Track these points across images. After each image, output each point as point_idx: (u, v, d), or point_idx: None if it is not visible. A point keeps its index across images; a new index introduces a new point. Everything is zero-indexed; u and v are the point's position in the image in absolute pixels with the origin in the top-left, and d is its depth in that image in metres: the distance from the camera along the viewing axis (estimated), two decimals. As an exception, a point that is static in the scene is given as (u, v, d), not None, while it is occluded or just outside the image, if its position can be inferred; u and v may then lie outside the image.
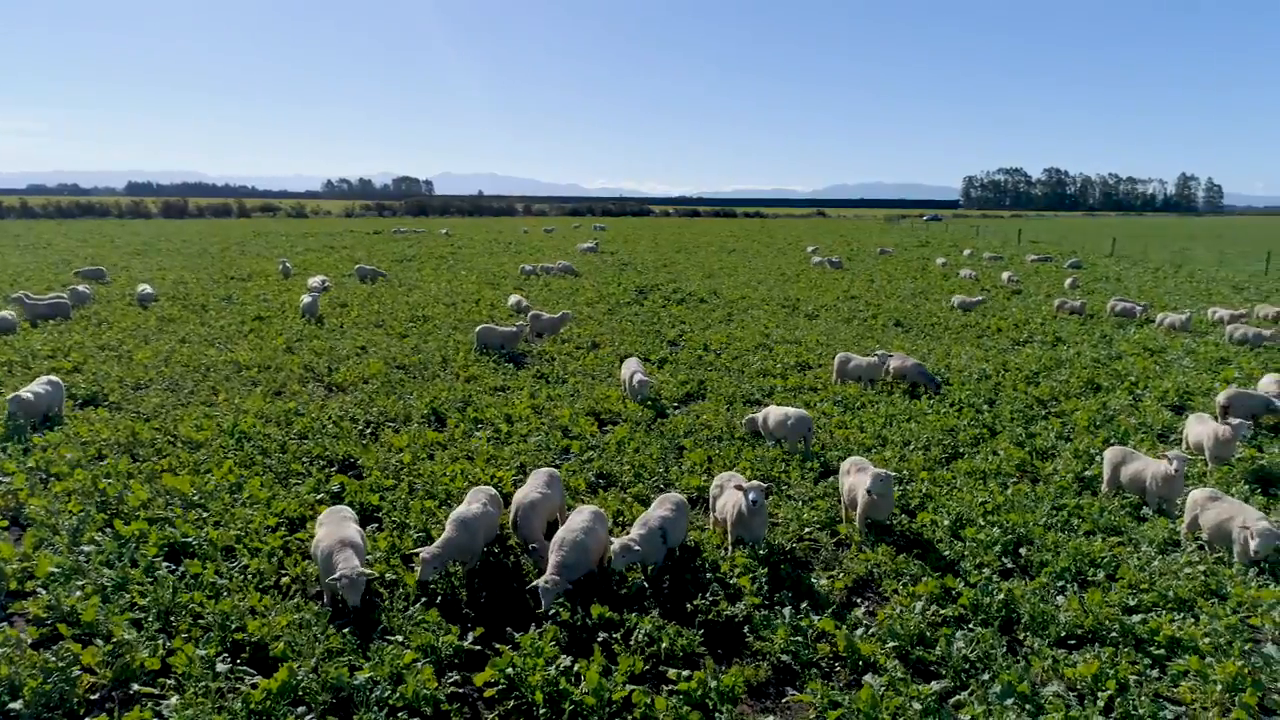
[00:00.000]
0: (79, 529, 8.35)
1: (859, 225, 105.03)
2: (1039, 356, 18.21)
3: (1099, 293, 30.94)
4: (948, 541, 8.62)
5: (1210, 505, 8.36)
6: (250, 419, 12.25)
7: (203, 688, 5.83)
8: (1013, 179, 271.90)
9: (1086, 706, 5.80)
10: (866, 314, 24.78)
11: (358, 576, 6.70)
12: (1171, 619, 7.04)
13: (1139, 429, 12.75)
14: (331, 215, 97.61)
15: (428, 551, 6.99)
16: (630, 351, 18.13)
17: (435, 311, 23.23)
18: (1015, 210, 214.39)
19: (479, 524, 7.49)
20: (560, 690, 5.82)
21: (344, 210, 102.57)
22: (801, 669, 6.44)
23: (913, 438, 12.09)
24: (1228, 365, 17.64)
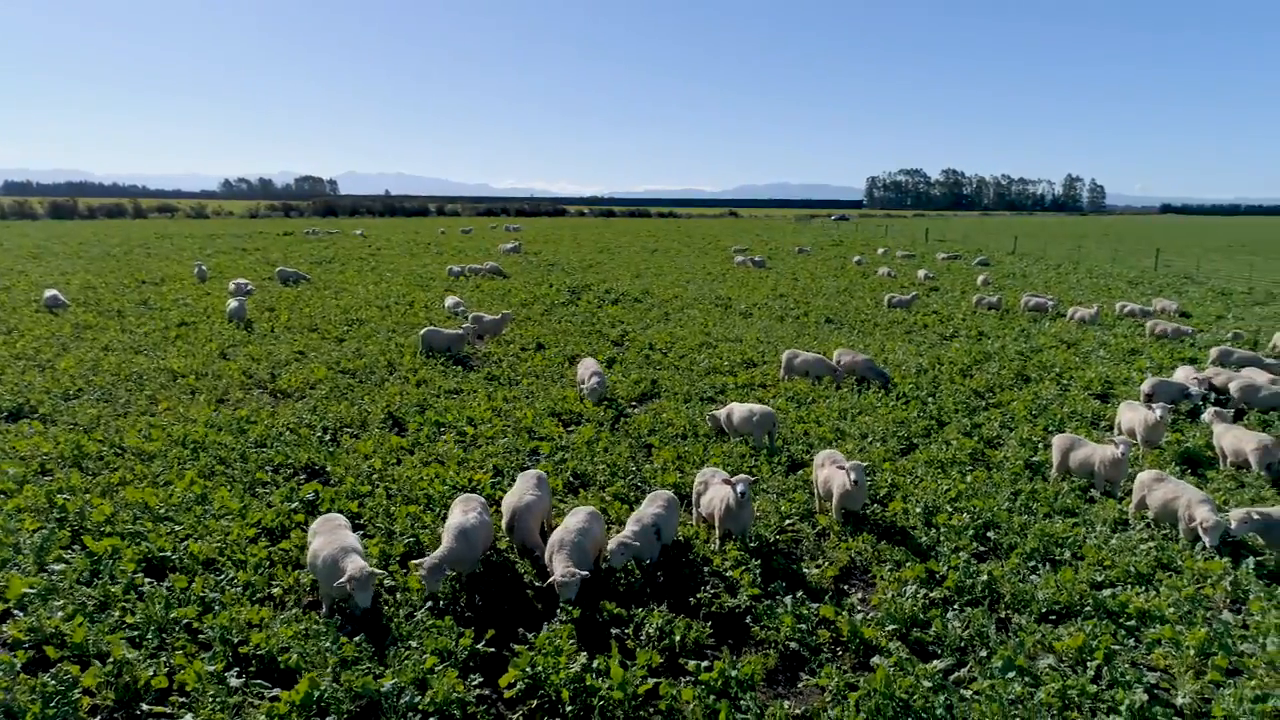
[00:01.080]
0: (43, 547, 7.94)
1: (771, 225, 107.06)
2: (968, 350, 19.04)
3: (1009, 289, 32.43)
4: (922, 528, 9.01)
5: (1157, 486, 8.97)
6: (201, 428, 11.83)
7: (218, 703, 5.68)
8: (913, 180, 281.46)
9: (1080, 676, 6.20)
10: (798, 312, 25.41)
11: (366, 576, 6.61)
12: (1136, 592, 7.56)
13: (1071, 417, 13.52)
14: (235, 216, 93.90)
15: (429, 561, 6.88)
16: (576, 352, 18.20)
17: (369, 315, 22.75)
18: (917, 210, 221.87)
19: (479, 534, 7.45)
20: (587, 686, 5.89)
21: (248, 211, 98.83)
22: (810, 654, 6.67)
23: (869, 430, 12.54)
24: (1139, 355, 18.83)
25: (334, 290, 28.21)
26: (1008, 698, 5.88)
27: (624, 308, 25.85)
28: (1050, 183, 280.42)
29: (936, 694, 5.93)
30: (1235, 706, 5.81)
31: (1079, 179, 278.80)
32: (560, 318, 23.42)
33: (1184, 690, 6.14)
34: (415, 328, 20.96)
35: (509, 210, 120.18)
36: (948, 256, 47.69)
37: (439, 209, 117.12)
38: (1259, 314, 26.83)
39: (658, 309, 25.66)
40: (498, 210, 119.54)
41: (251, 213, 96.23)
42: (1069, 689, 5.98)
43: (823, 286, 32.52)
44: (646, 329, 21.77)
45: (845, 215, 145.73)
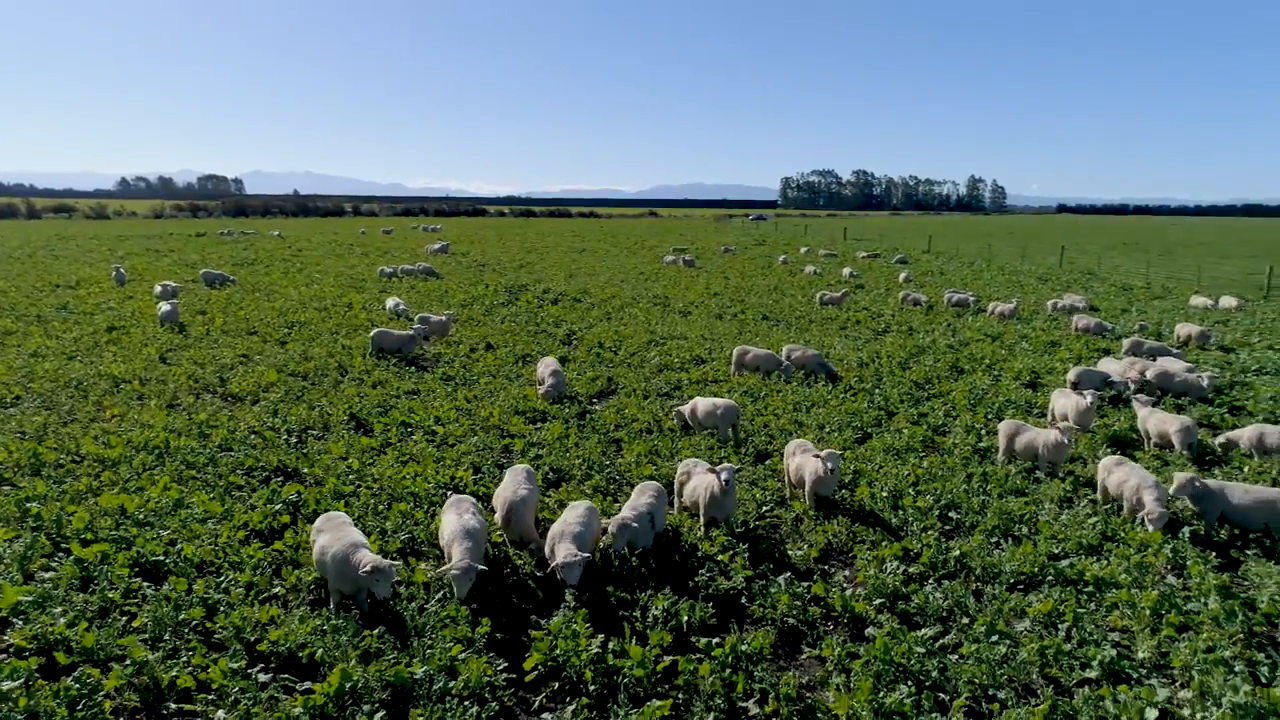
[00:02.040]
0: (26, 556, 7.77)
1: (692, 224, 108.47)
2: (902, 344, 19.94)
3: (929, 286, 33.83)
4: (890, 511, 9.56)
5: (1115, 469, 9.73)
6: (161, 433, 11.60)
7: (250, 698, 5.76)
8: (825, 180, 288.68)
9: (1053, 637, 6.79)
10: (735, 310, 26.05)
11: (388, 567, 6.73)
12: (1090, 562, 8.25)
13: (1007, 405, 14.38)
14: (139, 216, 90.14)
15: (457, 568, 6.97)
16: (526, 352, 18.39)
17: (308, 317, 22.38)
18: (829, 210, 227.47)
19: (482, 535, 7.60)
20: (609, 666, 6.17)
21: (152, 211, 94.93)
22: (806, 629, 7.10)
23: (825, 421, 13.12)
24: (1058, 347, 20.03)
25: (264, 293, 27.57)
26: (994, 659, 6.41)
27: (564, 307, 26.05)
28: (955, 183, 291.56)
29: (930, 658, 6.43)
30: (1190, 658, 6.46)
31: (981, 180, 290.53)
32: (502, 318, 23.50)
33: (1143, 646, 6.78)
34: (358, 330, 20.79)
35: (427, 210, 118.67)
36: (868, 255, 49.29)
37: (355, 209, 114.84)
38: (1158, 307, 28.72)
39: (598, 308, 25.95)
40: (416, 210, 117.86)
41: (156, 213, 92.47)
42: (1046, 649, 6.55)
43: (754, 285, 33.32)
44: (591, 328, 22.04)
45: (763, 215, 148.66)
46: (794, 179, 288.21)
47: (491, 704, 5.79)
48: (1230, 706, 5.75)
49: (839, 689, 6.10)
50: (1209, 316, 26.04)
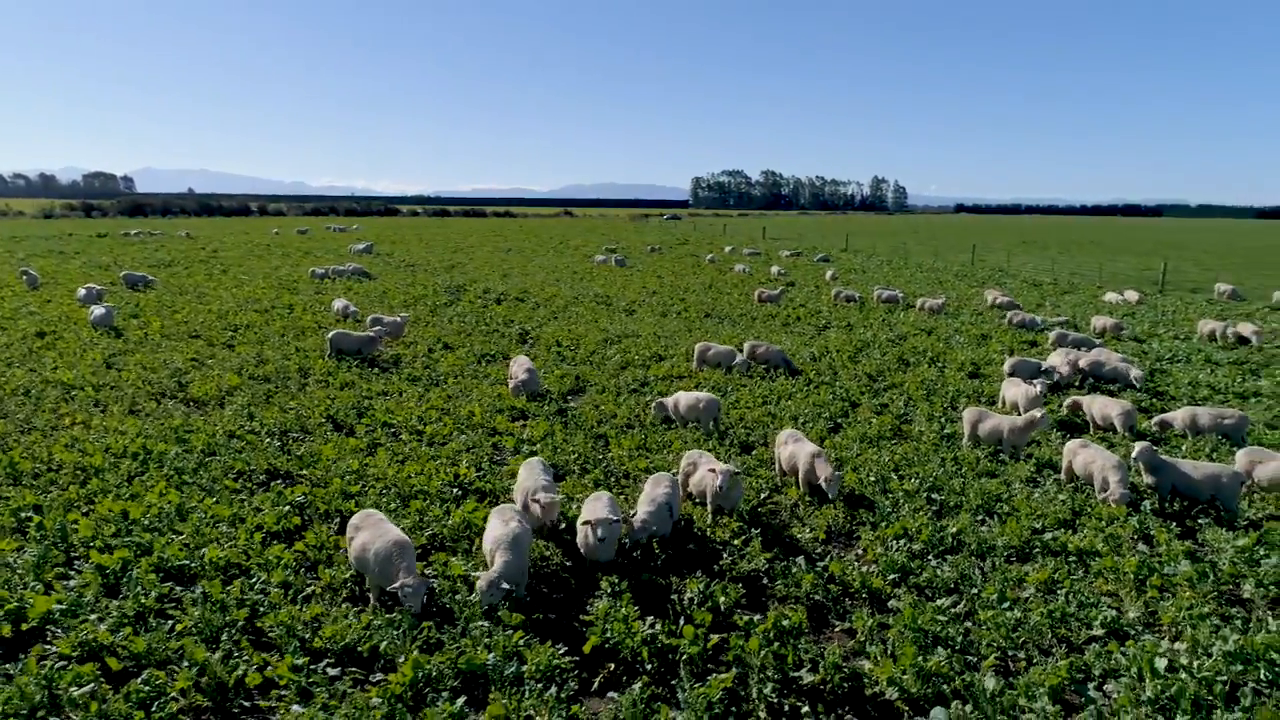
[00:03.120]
0: (39, 566, 7.60)
1: (609, 223, 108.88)
2: (847, 339, 20.77)
3: (855, 283, 35.08)
4: (880, 495, 10.14)
5: (1080, 451, 10.54)
6: (136, 440, 11.32)
7: (325, 692, 5.86)
8: (735, 180, 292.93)
9: (1056, 601, 7.43)
10: (677, 308, 26.55)
11: (419, 585, 6.86)
12: (1069, 535, 8.97)
13: (959, 395, 15.25)
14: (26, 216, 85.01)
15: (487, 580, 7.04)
16: (485, 352, 18.46)
17: (250, 319, 21.82)
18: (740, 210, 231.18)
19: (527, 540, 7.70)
20: (664, 646, 6.50)
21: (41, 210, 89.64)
22: (831, 604, 7.57)
23: (797, 413, 13.67)
24: (989, 340, 21.21)
25: (193, 295, 26.67)
26: (1009, 623, 7.00)
27: (509, 307, 26.08)
28: (859, 184, 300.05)
29: (952, 625, 6.97)
30: (1177, 615, 7.19)
31: (884, 180, 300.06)
32: (449, 318, 23.41)
33: (1133, 606, 7.49)
34: (306, 332, 20.45)
35: (338, 210, 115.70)
36: (791, 254, 50.62)
37: (261, 208, 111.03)
38: (1069, 301, 30.56)
39: (543, 308, 26.08)
40: (325, 209, 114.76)
41: (45, 212, 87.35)
42: (1053, 612, 7.18)
43: (688, 284, 33.90)
44: (541, 326, 22.21)
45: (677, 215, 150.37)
46: (705, 179, 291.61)
47: (570, 684, 6.05)
48: (1221, 654, 6.46)
49: (877, 657, 6.58)
50: (1117, 310, 27.87)
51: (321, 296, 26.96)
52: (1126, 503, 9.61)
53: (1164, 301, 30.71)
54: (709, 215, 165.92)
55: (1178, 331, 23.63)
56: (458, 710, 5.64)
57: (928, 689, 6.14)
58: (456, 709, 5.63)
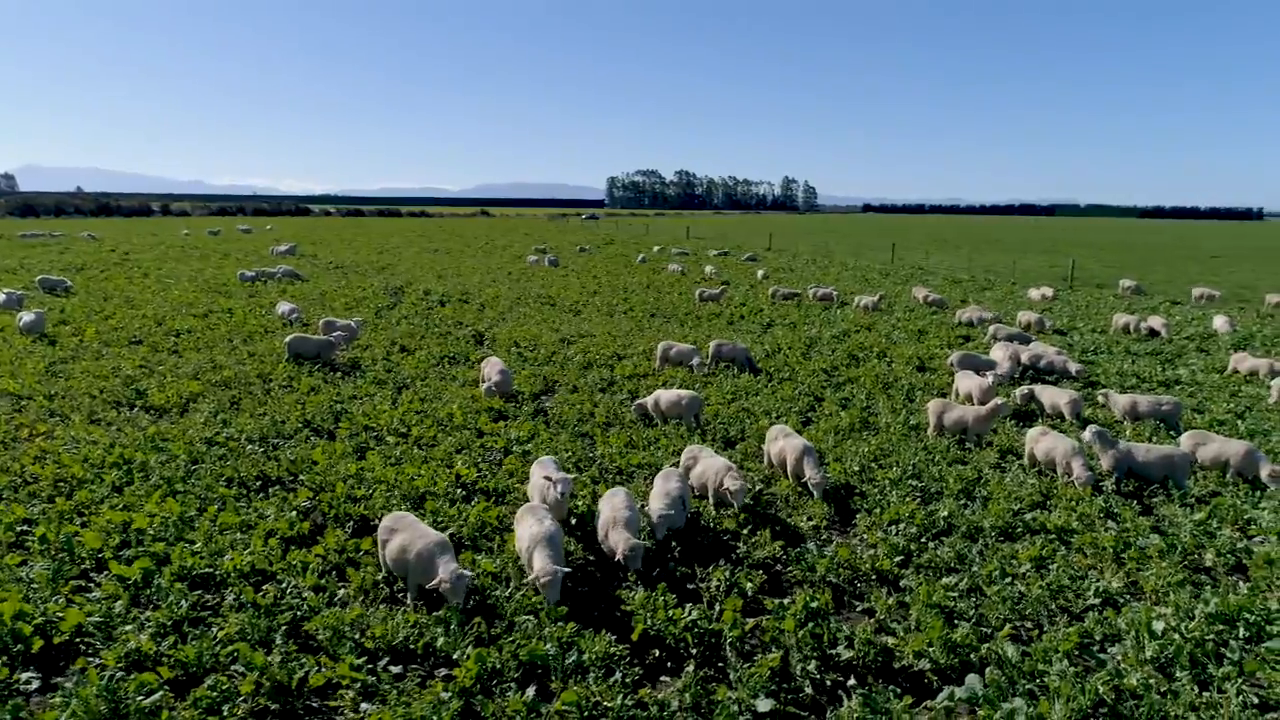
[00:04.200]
0: (54, 579, 7.42)
1: (529, 223, 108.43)
2: (794, 337, 21.45)
3: (786, 281, 36.01)
4: (865, 483, 10.68)
5: (1041, 438, 11.30)
6: (114, 449, 11.02)
7: (391, 690, 5.98)
8: (650, 180, 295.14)
9: (1050, 575, 8.05)
10: (622, 308, 26.86)
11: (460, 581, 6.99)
12: (1045, 515, 9.66)
13: (914, 388, 16.02)
14: (-96, 216, 79.71)
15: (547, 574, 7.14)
16: (444, 354, 18.41)
17: (191, 325, 21.15)
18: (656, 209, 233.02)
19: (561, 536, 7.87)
20: (710, 630, 6.82)
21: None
22: (846, 586, 8.02)
23: (769, 408, 14.16)
24: (927, 335, 22.21)
25: (119, 300, 25.64)
26: (1014, 596, 7.58)
27: (455, 308, 25.94)
28: (770, 184, 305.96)
29: (963, 600, 7.51)
30: (1157, 583, 7.90)
31: (794, 180, 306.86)
32: (396, 320, 23.19)
33: (1115, 578, 8.18)
34: (253, 337, 20.00)
35: (245, 209, 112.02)
36: (718, 253, 51.51)
37: (164, 208, 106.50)
38: (989, 297, 32.07)
39: (489, 309, 26.04)
40: (233, 209, 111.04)
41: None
42: (1050, 585, 7.80)
43: (625, 283, 34.20)
44: (493, 328, 22.22)
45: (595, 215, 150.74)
46: (620, 179, 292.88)
47: (635, 669, 6.32)
48: (1203, 616, 7.16)
49: (903, 632, 7.05)
50: (1036, 306, 29.44)
51: (258, 300, 26.29)
52: (1091, 484, 10.39)
53: (1076, 297, 32.57)
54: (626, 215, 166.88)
55: (1094, 325, 25.17)
56: (530, 700, 5.84)
57: (954, 659, 6.63)
58: (529, 698, 5.84)
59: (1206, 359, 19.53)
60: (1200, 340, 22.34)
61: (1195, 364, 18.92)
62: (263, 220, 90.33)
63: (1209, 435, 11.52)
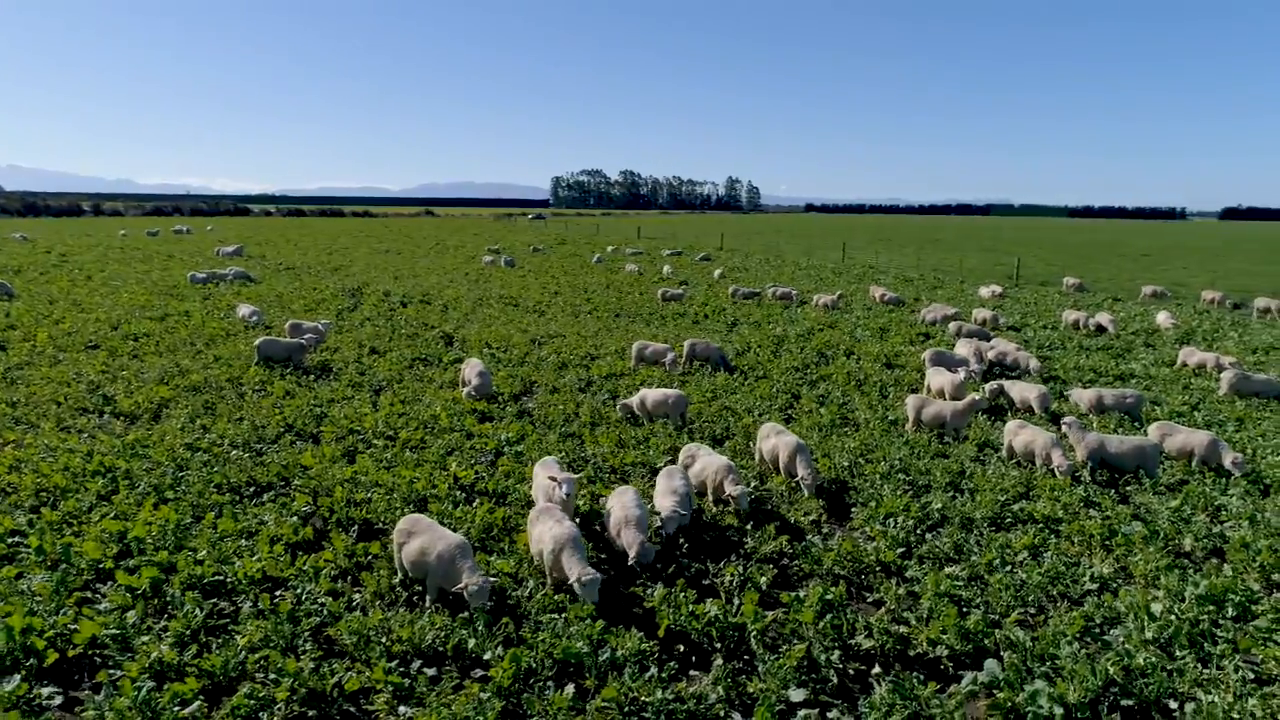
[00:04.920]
0: (58, 590, 7.23)
1: (477, 224, 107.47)
2: (761, 335, 21.74)
3: (742, 280, 36.39)
4: (855, 477, 10.93)
5: (1020, 432, 11.70)
6: (94, 458, 10.73)
7: (431, 692, 5.98)
8: (594, 179, 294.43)
9: (1046, 561, 8.38)
10: (586, 308, 26.88)
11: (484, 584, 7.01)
12: (1031, 505, 10.01)
13: (888, 385, 16.40)
14: None
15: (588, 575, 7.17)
16: (416, 356, 18.26)
17: (148, 328, 20.57)
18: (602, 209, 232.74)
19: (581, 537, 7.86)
20: (732, 624, 6.96)
21: None
22: (855, 577, 8.23)
23: (750, 406, 14.36)
24: (889, 333, 22.70)
25: (66, 303, 24.78)
26: (1015, 584, 7.87)
27: (417, 309, 25.68)
28: (714, 184, 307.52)
29: (968, 588, 7.78)
30: (1146, 568, 8.28)
31: (738, 180, 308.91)
32: (359, 322, 22.87)
33: (1105, 563, 8.55)
34: (216, 341, 19.55)
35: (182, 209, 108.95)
36: (672, 253, 51.77)
37: (95, 208, 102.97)
38: (942, 295, 32.85)
39: (453, 310, 25.85)
40: (168, 209, 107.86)
41: None
42: (1047, 572, 8.11)
43: (585, 284, 34.20)
44: (459, 329, 22.06)
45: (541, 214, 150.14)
46: (564, 178, 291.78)
47: (670, 664, 6.41)
48: (1194, 598, 7.53)
49: (915, 621, 7.27)
50: (988, 303, 30.28)
51: (213, 302, 25.67)
52: (1070, 474, 10.80)
53: (1023, 295, 33.58)
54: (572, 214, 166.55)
55: (1045, 322, 26.01)
56: (572, 697, 5.90)
57: (968, 645, 6.87)
58: (570, 696, 5.90)
59: (1154, 353, 20.38)
60: (1146, 335, 23.28)
61: (1146, 358, 19.72)
62: (202, 221, 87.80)
63: (1175, 426, 12.06)
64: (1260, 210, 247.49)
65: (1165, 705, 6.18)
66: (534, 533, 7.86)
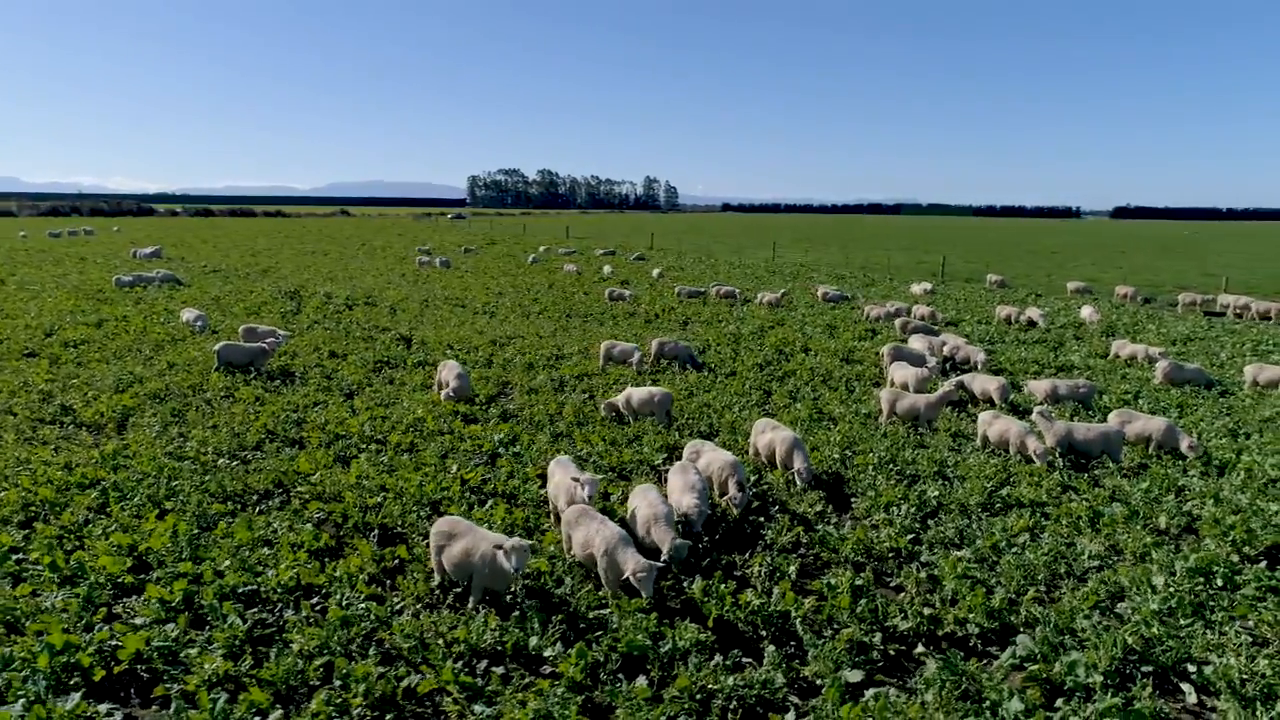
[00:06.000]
0: (85, 605, 7.00)
1: (397, 224, 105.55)
2: (719, 333, 22.12)
3: (680, 279, 36.84)
4: (846, 468, 11.34)
5: (994, 422, 12.30)
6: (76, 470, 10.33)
7: (498, 690, 6.05)
8: (512, 179, 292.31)
9: (1046, 540, 8.90)
10: (535, 309, 26.83)
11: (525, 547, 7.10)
12: (1015, 490, 10.58)
13: (852, 379, 16.95)
14: None
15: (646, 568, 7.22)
16: (379, 359, 17.99)
17: (86, 335, 19.67)
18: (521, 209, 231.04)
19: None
20: (779, 612, 7.21)
21: None
22: (875, 562, 8.60)
23: (728, 403, 14.66)
24: (839, 330, 23.38)
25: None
26: (1023, 564, 8.35)
27: (364, 311, 25.23)
28: (633, 183, 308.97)
29: (984, 569, 8.22)
30: (1135, 545, 8.88)
31: (656, 180, 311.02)
32: (308, 325, 22.36)
33: (1095, 541, 9.12)
34: (163, 346, 18.86)
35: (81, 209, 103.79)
36: (605, 252, 51.91)
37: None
38: (875, 293, 33.93)
39: (400, 312, 25.48)
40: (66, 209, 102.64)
41: None
42: (1049, 551, 8.63)
43: (527, 284, 34.08)
44: (414, 330, 21.78)
45: (461, 214, 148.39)
46: (481, 177, 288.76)
47: (734, 651, 6.60)
48: (1184, 571, 8.14)
49: (939, 603, 7.66)
50: (921, 300, 31.41)
51: (149, 306, 24.67)
52: (1046, 460, 11.45)
53: (952, 291, 34.96)
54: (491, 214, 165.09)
55: (978, 317, 27.19)
56: (648, 687, 6.05)
57: (994, 623, 7.29)
58: (644, 686, 6.04)
59: (1086, 345, 21.57)
60: (1074, 329, 24.59)
61: (1080, 351, 20.86)
62: (105, 221, 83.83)
63: (1134, 414, 12.88)
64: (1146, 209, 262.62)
65: (1183, 669, 6.70)
66: (577, 534, 7.93)
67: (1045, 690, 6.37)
